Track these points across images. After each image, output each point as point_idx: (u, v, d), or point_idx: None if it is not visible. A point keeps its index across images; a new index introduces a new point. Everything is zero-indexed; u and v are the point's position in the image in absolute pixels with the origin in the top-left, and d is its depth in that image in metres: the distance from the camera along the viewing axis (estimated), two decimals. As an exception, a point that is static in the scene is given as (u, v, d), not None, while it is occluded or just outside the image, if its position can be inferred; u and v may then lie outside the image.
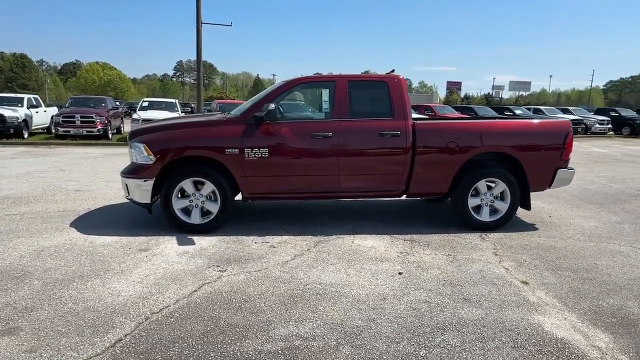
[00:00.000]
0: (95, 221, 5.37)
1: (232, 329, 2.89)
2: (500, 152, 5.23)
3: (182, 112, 18.11)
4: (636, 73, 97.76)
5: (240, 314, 3.09)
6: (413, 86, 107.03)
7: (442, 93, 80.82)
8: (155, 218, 5.33)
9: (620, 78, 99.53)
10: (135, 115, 16.01)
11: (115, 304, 3.20)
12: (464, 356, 2.63)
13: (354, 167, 5.04)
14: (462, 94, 74.12)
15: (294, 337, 2.80)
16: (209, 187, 4.89)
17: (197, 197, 4.91)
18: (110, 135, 16.30)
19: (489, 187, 5.26)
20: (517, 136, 5.19)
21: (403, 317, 3.09)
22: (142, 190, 4.89)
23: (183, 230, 4.90)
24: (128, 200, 5.19)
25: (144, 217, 5.47)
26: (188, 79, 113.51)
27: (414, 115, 6.00)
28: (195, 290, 3.46)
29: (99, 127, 15.66)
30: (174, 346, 2.67)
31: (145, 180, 4.85)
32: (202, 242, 4.65)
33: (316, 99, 5.48)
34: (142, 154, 4.86)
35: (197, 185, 4.93)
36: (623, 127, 24.95)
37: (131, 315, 3.04)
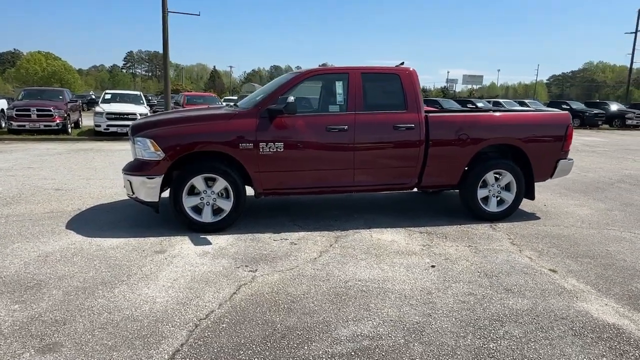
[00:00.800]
0: (92, 222, 4.99)
1: (292, 332, 2.76)
2: (507, 144, 5.35)
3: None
4: (576, 68, 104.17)
5: (294, 315, 2.96)
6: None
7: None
8: (156, 217, 5.04)
9: (562, 72, 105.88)
10: (98, 109, 15.16)
11: (154, 311, 2.98)
12: (532, 347, 2.66)
13: (369, 160, 4.97)
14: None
15: (359, 337, 2.72)
16: (221, 183, 4.66)
17: (208, 194, 4.67)
18: (69, 130, 15.31)
19: (496, 179, 5.38)
20: (525, 128, 5.32)
21: (457, 311, 3.08)
22: (149, 188, 4.59)
23: (194, 230, 4.66)
24: (119, 200, 4.90)
25: (143, 216, 5.17)
26: (139, 71, 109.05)
27: None
28: (235, 293, 3.28)
29: (58, 121, 14.64)
30: (239, 354, 2.51)
31: (152, 178, 4.56)
32: (218, 241, 4.44)
33: (329, 91, 5.33)
34: (149, 150, 4.56)
35: (208, 182, 4.69)
36: (573, 119, 26.26)
37: (178, 323, 2.83)
